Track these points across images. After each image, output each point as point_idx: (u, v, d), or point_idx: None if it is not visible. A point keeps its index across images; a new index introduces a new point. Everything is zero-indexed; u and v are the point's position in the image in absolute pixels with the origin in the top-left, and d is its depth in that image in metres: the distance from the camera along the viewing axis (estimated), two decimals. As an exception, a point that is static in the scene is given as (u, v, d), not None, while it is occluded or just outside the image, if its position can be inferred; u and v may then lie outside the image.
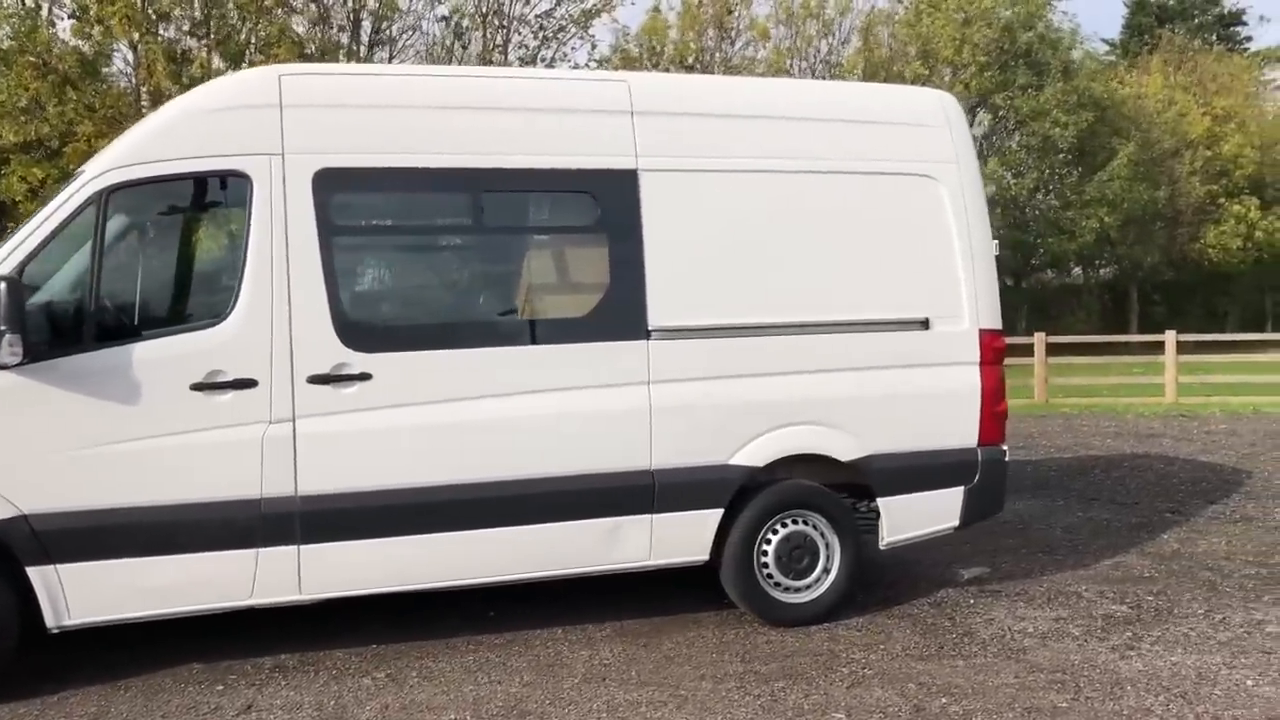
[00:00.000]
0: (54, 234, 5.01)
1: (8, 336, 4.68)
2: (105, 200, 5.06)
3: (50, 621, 5.02)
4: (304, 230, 5.26)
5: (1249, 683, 5.13)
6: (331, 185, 5.33)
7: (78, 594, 5.02)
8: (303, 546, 5.26)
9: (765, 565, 6.02)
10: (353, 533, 5.32)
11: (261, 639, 5.75)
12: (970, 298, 6.30)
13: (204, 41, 18.32)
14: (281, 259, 5.22)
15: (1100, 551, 7.75)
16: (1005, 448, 6.47)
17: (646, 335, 5.71)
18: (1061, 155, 32.45)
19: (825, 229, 6.10)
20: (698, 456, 5.81)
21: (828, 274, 6.08)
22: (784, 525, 6.05)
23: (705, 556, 5.92)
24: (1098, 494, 10.02)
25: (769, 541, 6.03)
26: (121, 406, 5.02)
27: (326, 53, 18.59)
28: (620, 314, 5.71)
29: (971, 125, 31.27)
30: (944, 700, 4.96)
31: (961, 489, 6.31)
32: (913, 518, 6.27)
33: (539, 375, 5.56)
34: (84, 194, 5.06)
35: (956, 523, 6.37)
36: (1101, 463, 11.93)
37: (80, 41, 17.19)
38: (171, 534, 5.09)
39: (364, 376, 5.30)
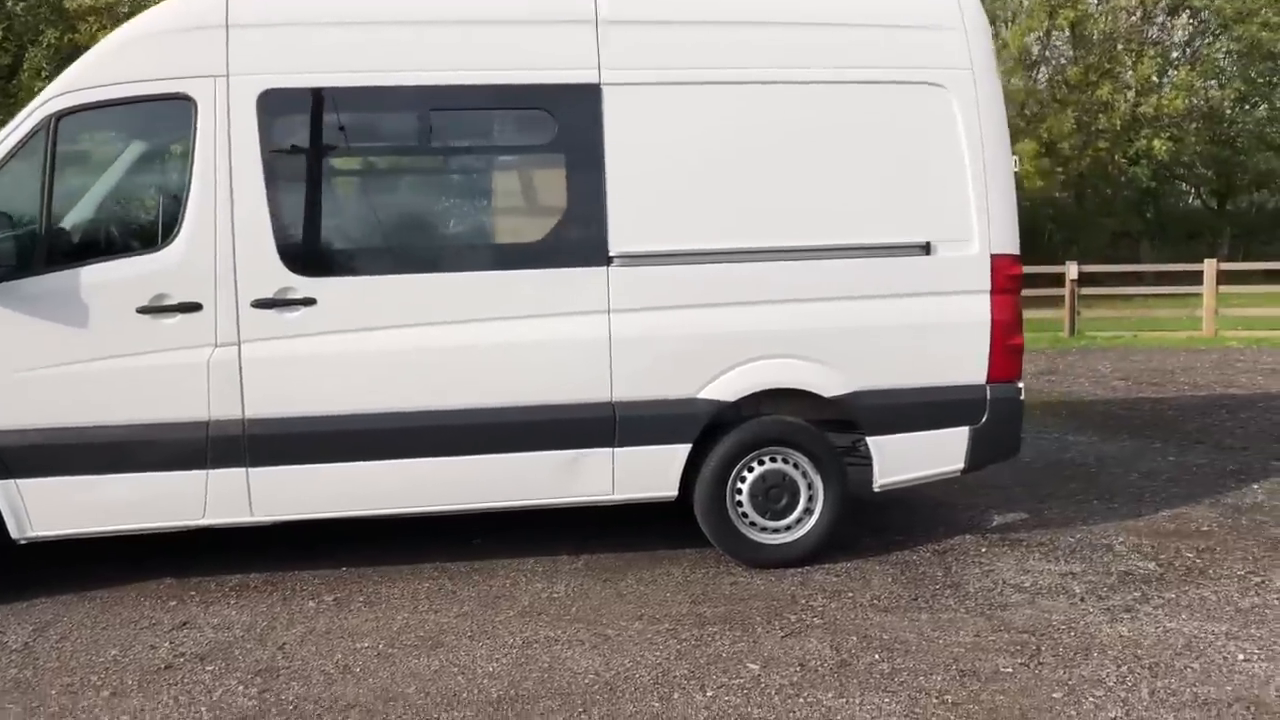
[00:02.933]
0: (5, 160, 5.13)
1: (-48, 261, 4.84)
2: (54, 125, 5.14)
3: (14, 533, 5.23)
4: (248, 152, 5.22)
5: (1240, 656, 4.52)
6: (276, 106, 5.25)
7: (38, 508, 5.21)
8: (251, 469, 5.30)
9: (740, 504, 5.70)
10: (301, 457, 5.32)
11: (244, 558, 5.86)
12: (981, 220, 5.71)
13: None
14: (225, 182, 5.20)
15: (1168, 501, 7.03)
16: (1020, 385, 5.89)
17: (607, 261, 5.43)
18: (1273, 63, 29.41)
19: (812, 145, 5.63)
20: (662, 389, 5.53)
21: (813, 195, 5.62)
22: (761, 463, 5.70)
23: (673, 493, 5.65)
24: (1208, 436, 9.12)
25: (744, 479, 5.70)
26: (72, 329, 5.14)
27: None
28: (578, 239, 5.45)
29: (1173, 30, 28.59)
30: (877, 656, 4.58)
31: (966, 429, 5.79)
32: (909, 459, 5.80)
33: (490, 302, 5.39)
34: (34, 120, 5.15)
35: (961, 465, 5.85)
36: (1236, 402, 10.87)
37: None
38: (123, 453, 5.21)
39: (308, 301, 5.25)
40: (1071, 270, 17.99)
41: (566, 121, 5.45)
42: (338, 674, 4.50)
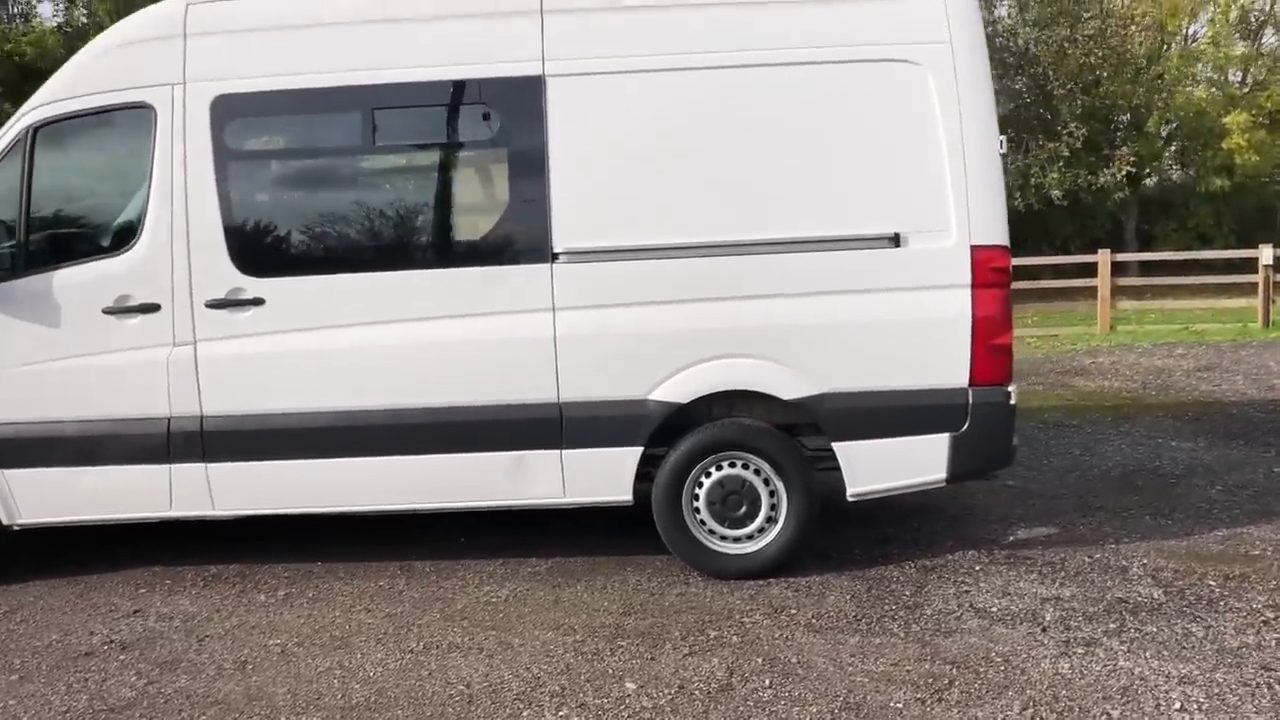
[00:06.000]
0: (-11, 171, 5.49)
1: (-67, 266, 5.23)
2: (31, 137, 5.46)
3: (4, 520, 5.61)
4: (201, 157, 5.38)
5: (1177, 705, 3.94)
6: (227, 111, 5.39)
7: (24, 497, 5.57)
8: (210, 465, 5.47)
9: (698, 511, 5.44)
10: (254, 454, 5.45)
11: (236, 548, 6.09)
12: (960, 208, 5.21)
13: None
14: (180, 186, 5.39)
15: (1235, 519, 6.25)
16: (1011, 389, 5.34)
17: (551, 258, 5.29)
18: None
19: (769, 132, 5.29)
20: (610, 390, 5.34)
21: (770, 185, 5.29)
22: (719, 468, 5.42)
23: (627, 497, 5.45)
24: (1342, 445, 8.05)
25: (702, 485, 5.43)
26: (48, 329, 5.46)
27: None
28: (521, 236, 5.34)
29: None
30: (768, 681, 4.26)
31: (947, 436, 5.31)
32: (881, 467, 5.37)
33: (432, 301, 5.35)
34: (13, 132, 5.49)
35: (943, 475, 5.37)
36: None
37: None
38: (96, 447, 5.48)
39: (257, 301, 5.37)
40: (1265, 254, 16.34)
41: (508, 116, 5.34)
42: (232, 670, 4.58)
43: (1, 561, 5.77)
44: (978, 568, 5.53)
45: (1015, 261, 17.17)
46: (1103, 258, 16.66)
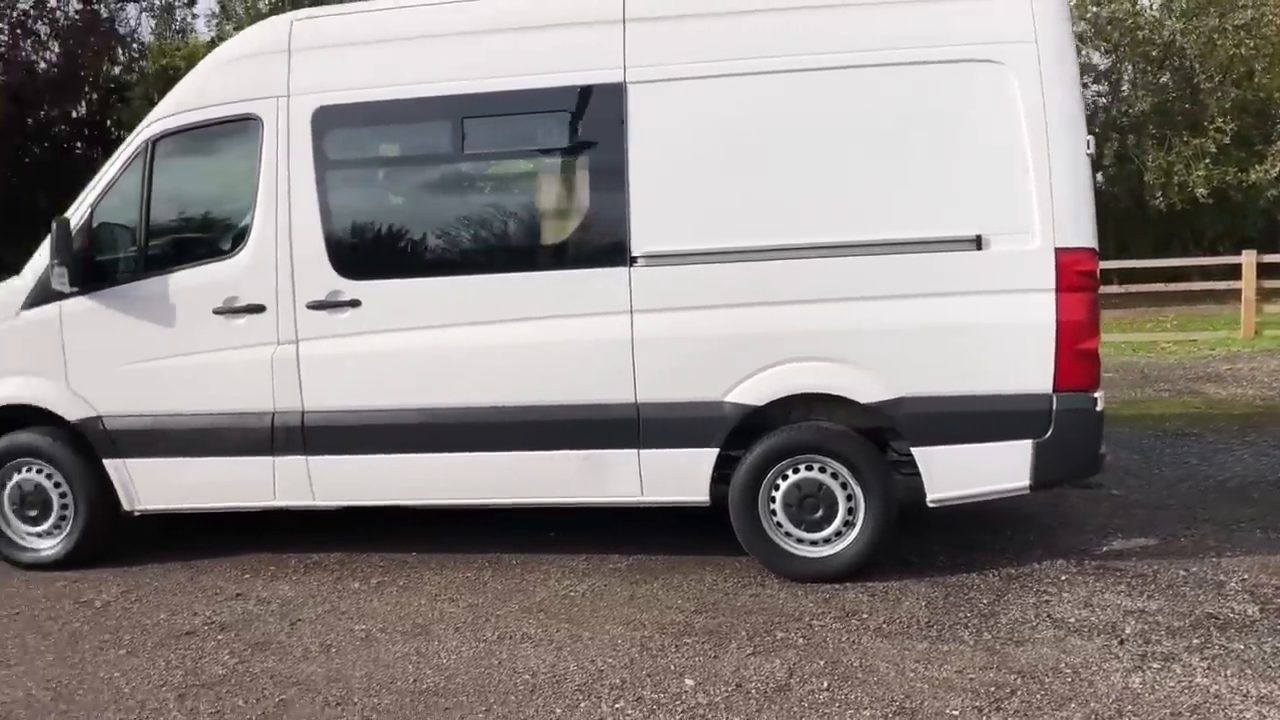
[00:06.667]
0: (114, 181, 5.91)
1: (57, 269, 5.66)
2: (151, 148, 5.86)
3: (125, 506, 6.03)
4: (303, 165, 5.68)
5: (1248, 726, 3.80)
6: (327, 121, 5.67)
7: (143, 485, 5.97)
8: (310, 457, 5.76)
9: (774, 513, 5.47)
10: (349, 447, 5.72)
11: (339, 537, 6.40)
12: (1044, 210, 5.11)
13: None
14: (285, 193, 5.70)
15: (1354, 533, 5.95)
16: (1098, 395, 5.21)
17: (629, 262, 5.39)
18: None
19: (849, 134, 5.28)
20: (686, 392, 5.41)
21: (849, 187, 5.28)
22: (796, 470, 5.44)
23: (703, 498, 5.52)
24: None
25: (778, 487, 5.46)
26: (161, 328, 5.84)
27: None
28: (600, 240, 5.47)
29: None
30: (825, 684, 4.27)
31: (1029, 442, 5.21)
32: (962, 473, 5.30)
33: (516, 303, 5.51)
34: (136, 144, 5.89)
35: (1027, 483, 5.26)
36: None
37: None
38: (205, 439, 5.84)
39: (354, 303, 5.63)
40: None
41: (590, 122, 5.47)
42: (317, 652, 4.82)
43: (122, 543, 6.18)
44: (1063, 578, 5.40)
45: (1157, 263, 16.64)
46: (1247, 259, 15.89)
